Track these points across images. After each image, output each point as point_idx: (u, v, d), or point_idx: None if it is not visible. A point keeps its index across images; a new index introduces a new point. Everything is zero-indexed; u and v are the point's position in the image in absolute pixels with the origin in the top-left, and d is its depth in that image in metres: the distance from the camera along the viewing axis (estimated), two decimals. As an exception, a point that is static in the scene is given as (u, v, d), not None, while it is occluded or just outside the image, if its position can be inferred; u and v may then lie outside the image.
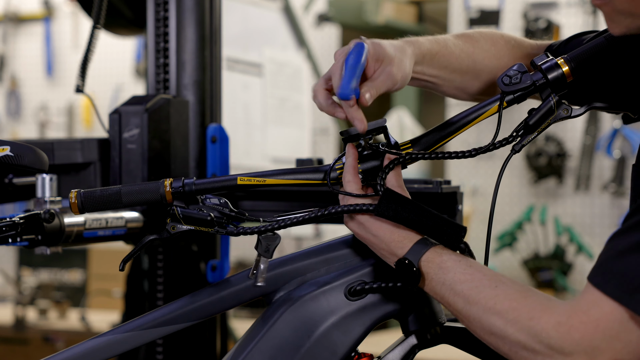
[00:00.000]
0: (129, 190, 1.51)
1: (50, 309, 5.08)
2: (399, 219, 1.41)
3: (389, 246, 1.43)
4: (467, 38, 1.62)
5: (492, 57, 1.63)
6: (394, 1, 5.85)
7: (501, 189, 5.33)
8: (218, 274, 2.22)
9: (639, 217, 1.24)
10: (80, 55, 2.26)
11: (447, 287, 1.37)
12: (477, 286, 1.33)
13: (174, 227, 1.50)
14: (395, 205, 1.42)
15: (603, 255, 1.26)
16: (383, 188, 1.44)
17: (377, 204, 1.42)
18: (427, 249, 1.40)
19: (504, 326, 1.29)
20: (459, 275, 1.36)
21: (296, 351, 1.51)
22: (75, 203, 1.49)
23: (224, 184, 1.51)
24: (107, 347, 1.56)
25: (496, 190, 1.49)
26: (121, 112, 2.09)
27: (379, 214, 1.42)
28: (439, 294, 1.39)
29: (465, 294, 1.34)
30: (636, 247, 1.21)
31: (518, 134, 1.49)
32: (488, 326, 1.31)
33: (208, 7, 2.23)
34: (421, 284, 1.41)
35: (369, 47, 1.45)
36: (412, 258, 1.40)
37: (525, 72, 1.48)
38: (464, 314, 1.35)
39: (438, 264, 1.38)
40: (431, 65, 1.56)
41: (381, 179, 1.45)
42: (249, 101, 4.02)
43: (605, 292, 1.22)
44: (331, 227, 4.38)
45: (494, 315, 1.30)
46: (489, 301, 1.31)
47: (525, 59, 1.66)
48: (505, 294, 1.31)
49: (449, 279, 1.36)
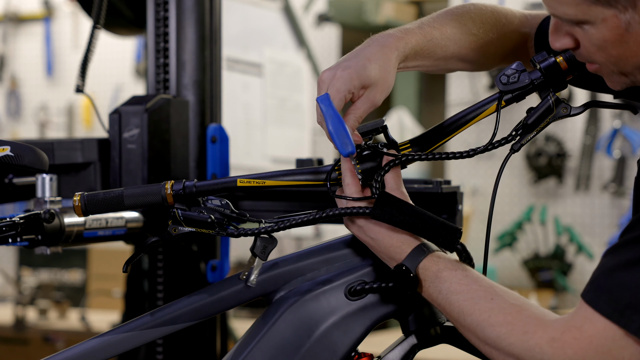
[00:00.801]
0: (131, 193, 1.52)
1: (50, 309, 5.08)
2: (394, 222, 1.42)
3: (387, 250, 1.44)
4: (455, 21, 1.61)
5: (479, 40, 1.62)
6: (394, 1, 5.85)
7: (501, 189, 5.35)
8: (218, 274, 2.22)
9: (633, 234, 1.25)
10: (80, 55, 2.26)
11: (443, 296, 1.38)
12: (472, 297, 1.34)
13: (175, 229, 1.50)
14: (390, 209, 1.42)
15: (596, 272, 1.27)
16: (378, 191, 1.44)
17: (373, 207, 1.43)
18: (424, 256, 1.41)
19: (498, 339, 1.30)
20: (455, 285, 1.37)
21: (296, 351, 1.52)
22: (79, 206, 1.51)
23: (224, 186, 1.52)
24: (107, 347, 1.56)
25: (495, 190, 1.49)
26: (121, 112, 2.09)
27: (374, 217, 1.42)
28: (435, 301, 1.40)
29: (460, 304, 1.35)
30: (628, 264, 1.22)
31: (517, 134, 1.48)
32: (483, 337, 1.32)
33: (208, 7, 2.23)
34: (419, 289, 1.42)
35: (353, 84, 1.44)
36: (409, 265, 1.40)
37: (524, 71, 1.47)
38: (459, 322, 1.36)
39: (434, 273, 1.39)
40: (414, 58, 1.55)
41: (376, 181, 1.45)
42: (249, 101, 4.02)
43: (597, 310, 1.23)
44: (331, 227, 4.37)
45: (488, 327, 1.31)
46: (484, 313, 1.32)
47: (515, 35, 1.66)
48: (500, 307, 1.32)
49: (444, 288, 1.37)
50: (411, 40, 1.53)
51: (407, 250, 1.42)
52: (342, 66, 1.46)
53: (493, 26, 1.64)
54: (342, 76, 1.44)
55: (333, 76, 1.45)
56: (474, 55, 1.63)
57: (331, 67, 1.47)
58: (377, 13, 5.68)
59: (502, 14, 1.66)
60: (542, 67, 1.47)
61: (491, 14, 1.65)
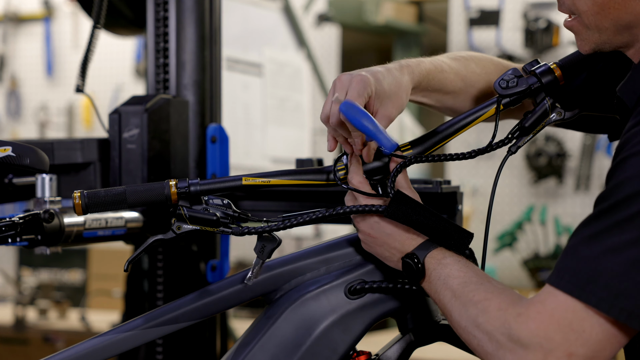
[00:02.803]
0: (134, 190, 1.51)
1: (50, 309, 5.08)
2: (409, 221, 1.45)
3: (402, 244, 1.47)
4: (459, 60, 1.69)
5: (481, 79, 1.70)
6: (394, 1, 5.85)
7: (501, 189, 5.36)
8: (218, 274, 2.22)
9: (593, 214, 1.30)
10: (80, 55, 2.26)
11: (442, 281, 1.42)
12: (465, 282, 1.39)
13: (179, 227, 1.51)
14: (405, 208, 1.45)
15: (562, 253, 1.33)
16: (394, 190, 1.47)
17: (388, 205, 1.46)
18: (434, 247, 1.45)
19: (476, 316, 1.34)
20: (454, 272, 1.41)
21: (297, 349, 1.52)
22: (79, 204, 1.50)
23: (229, 185, 1.52)
24: (107, 347, 1.57)
25: (493, 191, 1.53)
26: (121, 112, 2.09)
27: (388, 216, 1.46)
28: (434, 288, 1.43)
29: (453, 287, 1.39)
30: (588, 239, 1.27)
31: (514, 136, 1.54)
32: (465, 317, 1.36)
33: (208, 7, 2.24)
34: (423, 279, 1.45)
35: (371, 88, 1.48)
36: (419, 254, 1.45)
37: (521, 77, 1.54)
38: (448, 307, 1.40)
39: (439, 260, 1.44)
40: (426, 88, 1.62)
41: (391, 181, 1.48)
42: (249, 101, 4.02)
43: (559, 287, 1.28)
44: (331, 227, 4.38)
45: (470, 306, 1.35)
46: (469, 293, 1.37)
47: None
48: (486, 288, 1.36)
49: (444, 273, 1.42)
50: (425, 66, 1.60)
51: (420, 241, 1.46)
52: (361, 72, 1.50)
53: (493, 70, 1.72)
54: (361, 81, 1.47)
55: (351, 80, 1.48)
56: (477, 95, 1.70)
57: (349, 72, 1.51)
58: (377, 13, 5.68)
59: (499, 61, 1.75)
60: (537, 72, 1.53)
61: (490, 60, 1.74)
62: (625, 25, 1.39)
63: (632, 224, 1.25)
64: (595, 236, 1.27)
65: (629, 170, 1.27)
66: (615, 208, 1.26)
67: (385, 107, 1.51)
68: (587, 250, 1.27)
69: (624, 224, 1.25)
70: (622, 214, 1.26)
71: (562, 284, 1.28)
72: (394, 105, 1.52)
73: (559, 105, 1.54)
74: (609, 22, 1.40)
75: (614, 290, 1.24)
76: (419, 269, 1.44)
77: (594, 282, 1.25)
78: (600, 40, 1.42)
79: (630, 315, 1.24)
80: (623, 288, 1.24)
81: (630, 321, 1.25)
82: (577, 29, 1.44)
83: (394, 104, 1.52)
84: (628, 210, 1.25)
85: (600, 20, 1.40)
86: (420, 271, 1.44)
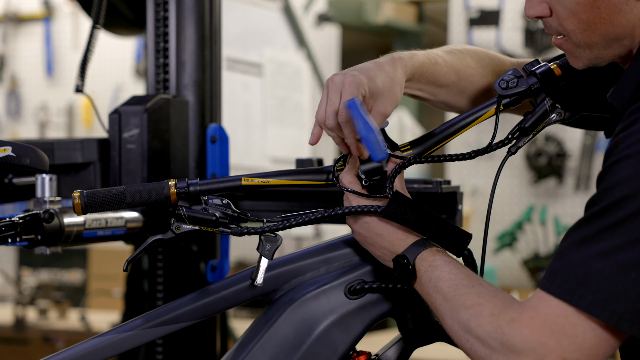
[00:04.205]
0: (134, 190, 1.52)
1: (50, 309, 5.08)
2: (407, 221, 1.45)
3: (391, 244, 1.46)
4: (454, 54, 1.68)
5: (475, 73, 1.69)
6: (394, 1, 5.85)
7: (501, 189, 5.36)
8: (218, 274, 2.22)
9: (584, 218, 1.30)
10: (80, 55, 2.26)
11: (432, 284, 1.41)
12: (456, 284, 1.39)
13: (178, 227, 1.51)
14: (403, 208, 1.45)
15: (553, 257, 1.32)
16: (392, 191, 1.46)
17: (386, 206, 1.45)
18: (424, 248, 1.45)
19: (469, 321, 1.34)
20: (445, 274, 1.41)
21: (297, 349, 1.52)
22: (79, 204, 1.50)
23: (229, 185, 1.52)
24: (107, 347, 1.57)
25: (493, 191, 1.53)
26: (121, 112, 2.09)
27: (387, 216, 1.46)
28: (425, 290, 1.43)
29: (445, 291, 1.39)
30: (577, 244, 1.27)
31: (513, 137, 1.54)
32: (457, 321, 1.36)
33: (208, 7, 2.24)
34: (414, 280, 1.45)
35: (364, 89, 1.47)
36: (409, 255, 1.44)
37: (521, 77, 1.54)
38: (440, 311, 1.39)
39: (430, 262, 1.43)
40: (419, 80, 1.61)
41: (390, 182, 1.48)
42: (249, 101, 4.02)
43: (550, 292, 1.28)
44: (331, 227, 4.38)
45: (462, 310, 1.35)
46: (461, 297, 1.36)
47: None
48: (477, 292, 1.36)
49: (434, 276, 1.41)
50: (419, 58, 1.59)
51: (410, 242, 1.46)
52: (353, 72, 1.49)
53: (488, 64, 1.71)
54: (354, 82, 1.47)
55: (344, 81, 1.48)
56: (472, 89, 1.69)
57: (342, 72, 1.51)
58: (377, 13, 5.68)
59: (495, 55, 1.74)
60: (538, 72, 1.53)
61: (485, 54, 1.73)
62: (614, 38, 1.39)
63: (621, 228, 1.25)
64: (585, 240, 1.27)
65: (619, 174, 1.27)
66: (606, 212, 1.27)
67: (380, 104, 1.50)
68: (577, 254, 1.27)
69: (614, 228, 1.25)
70: (612, 218, 1.26)
71: (554, 288, 1.28)
72: (388, 102, 1.51)
73: (559, 105, 1.54)
74: (598, 38, 1.40)
75: (604, 295, 1.24)
76: (409, 271, 1.44)
77: (584, 286, 1.25)
78: (592, 55, 1.43)
79: (621, 319, 1.24)
80: (613, 292, 1.24)
81: (621, 325, 1.25)
82: (567, 47, 1.44)
83: (389, 100, 1.51)
84: (618, 214, 1.25)
85: (589, 37, 1.40)
86: (411, 272, 1.44)
